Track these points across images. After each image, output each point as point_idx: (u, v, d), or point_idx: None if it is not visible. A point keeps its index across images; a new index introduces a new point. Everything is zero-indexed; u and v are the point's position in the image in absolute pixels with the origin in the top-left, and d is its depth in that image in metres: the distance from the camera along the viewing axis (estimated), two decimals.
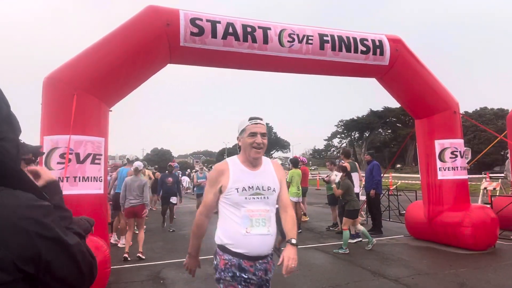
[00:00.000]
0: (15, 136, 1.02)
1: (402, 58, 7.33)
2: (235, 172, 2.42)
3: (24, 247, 0.87)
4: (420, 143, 7.94)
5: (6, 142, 0.98)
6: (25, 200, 0.93)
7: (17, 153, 1.01)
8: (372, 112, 65.72)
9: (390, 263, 6.29)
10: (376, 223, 9.03)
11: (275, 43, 6.39)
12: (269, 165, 2.53)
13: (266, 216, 2.36)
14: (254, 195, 2.35)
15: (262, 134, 2.41)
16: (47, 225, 0.93)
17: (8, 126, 1.01)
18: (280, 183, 2.51)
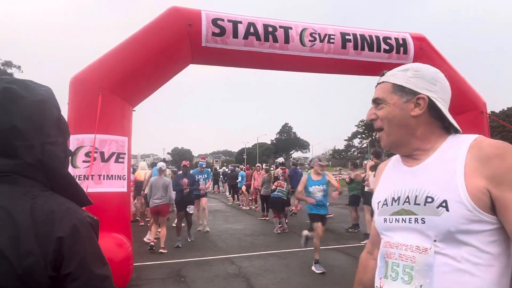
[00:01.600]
0: (64, 140, 1.04)
1: (426, 57, 7.16)
2: (386, 172, 1.38)
3: (57, 255, 0.86)
4: None
5: (55, 146, 1.00)
6: (71, 210, 0.94)
7: (65, 157, 1.04)
8: None
9: None
10: None
11: (296, 42, 6.36)
12: (456, 151, 1.14)
13: (417, 262, 1.10)
14: (396, 215, 1.19)
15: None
16: (86, 239, 0.93)
17: (58, 130, 1.02)
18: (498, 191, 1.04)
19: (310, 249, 7.46)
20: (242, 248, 7.71)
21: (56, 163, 0.99)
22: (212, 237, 9.02)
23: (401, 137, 1.22)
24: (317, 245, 6.15)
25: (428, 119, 1.21)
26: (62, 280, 0.87)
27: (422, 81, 1.22)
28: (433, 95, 1.20)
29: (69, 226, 0.89)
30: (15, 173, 0.92)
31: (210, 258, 6.89)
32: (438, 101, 1.21)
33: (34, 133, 0.96)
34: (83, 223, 0.94)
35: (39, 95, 1.00)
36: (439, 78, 1.26)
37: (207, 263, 6.57)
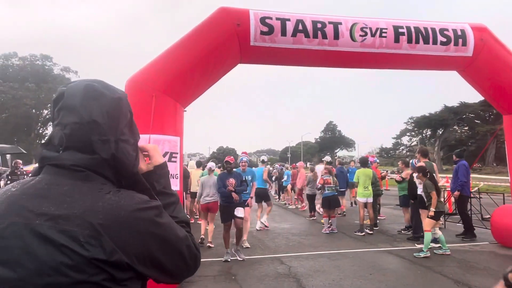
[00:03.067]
0: (134, 141, 1.08)
1: (488, 48, 6.68)
2: None
3: (139, 248, 0.90)
4: (509, 142, 7.18)
5: (128, 145, 1.03)
6: (141, 201, 0.96)
7: (136, 156, 1.06)
8: (447, 108, 61.15)
9: (476, 272, 5.77)
10: (468, 227, 8.38)
11: (347, 38, 6.18)
12: None
13: None
14: None
15: None
16: (160, 225, 0.95)
17: (130, 130, 1.07)
18: None
19: (360, 250, 7.25)
20: (291, 247, 7.65)
21: (128, 159, 1.01)
22: (260, 235, 9.03)
23: None
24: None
25: None
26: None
27: None
28: None
29: (145, 224, 0.92)
30: (88, 168, 0.95)
31: (259, 257, 6.90)
32: None
33: (110, 129, 0.99)
34: (160, 210, 0.98)
35: (117, 93, 1.05)
36: None
37: (256, 262, 6.58)
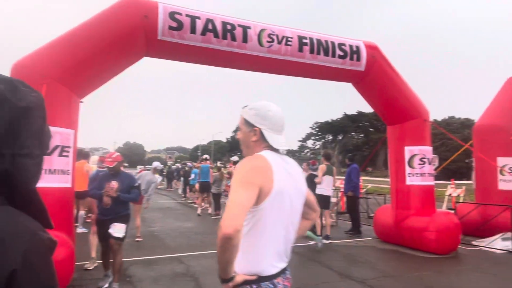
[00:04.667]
0: (41, 153, 0.94)
1: (378, 65, 7.48)
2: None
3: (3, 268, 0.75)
4: (391, 149, 8.14)
5: (28, 159, 0.89)
6: (28, 231, 0.82)
7: (37, 172, 0.93)
8: (346, 115, 66.99)
9: (358, 265, 6.42)
10: (355, 224, 9.30)
11: (255, 42, 6.37)
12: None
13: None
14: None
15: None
16: (28, 267, 0.79)
17: (37, 142, 0.92)
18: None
19: None
20: (192, 247, 7.60)
21: (24, 177, 0.89)
22: (161, 235, 8.81)
23: (247, 153, 1.83)
24: None
25: (260, 142, 1.80)
26: None
27: (258, 118, 1.80)
28: (264, 127, 1.79)
29: (21, 253, 0.78)
30: None
31: (158, 257, 6.72)
32: (266, 131, 1.79)
33: (7, 142, 0.85)
34: (39, 247, 0.83)
35: (25, 101, 0.89)
36: (268, 116, 1.81)
37: (154, 262, 6.40)
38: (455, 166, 36.03)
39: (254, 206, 1.61)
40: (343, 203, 12.81)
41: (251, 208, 1.60)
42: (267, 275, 1.67)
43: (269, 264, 1.69)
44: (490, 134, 8.86)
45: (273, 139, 1.78)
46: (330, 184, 8.27)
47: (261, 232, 1.67)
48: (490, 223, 8.02)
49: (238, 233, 1.50)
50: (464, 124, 45.81)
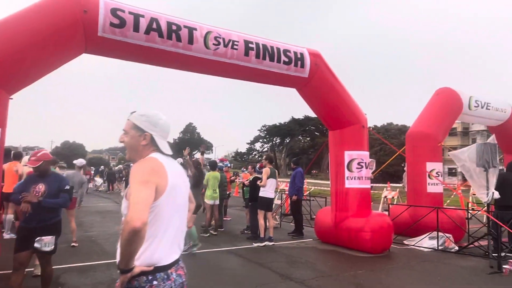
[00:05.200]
0: None
1: (320, 72, 7.78)
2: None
3: None
4: (332, 153, 8.49)
5: None
6: None
7: None
8: (294, 119, 68.69)
9: (298, 265, 6.60)
10: (298, 226, 9.55)
11: (201, 44, 6.34)
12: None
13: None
14: None
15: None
16: None
17: None
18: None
19: (203, 251, 7.48)
20: None
21: None
22: (99, 240, 8.42)
23: (133, 156, 2.03)
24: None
25: (149, 146, 2.00)
26: None
27: (149, 124, 2.00)
28: (154, 133, 2.00)
29: None
30: None
31: (95, 263, 6.42)
32: (157, 137, 2.00)
33: None
34: None
35: None
36: (159, 124, 2.03)
37: (91, 268, 6.11)
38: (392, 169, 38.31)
39: (153, 202, 1.79)
40: (287, 205, 13.12)
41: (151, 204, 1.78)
42: (162, 265, 1.83)
43: (165, 254, 1.86)
44: (421, 141, 9.57)
45: (162, 144, 2.01)
46: (273, 186, 8.44)
47: (159, 226, 1.84)
48: (419, 223, 8.64)
49: (145, 226, 1.64)
50: (401, 130, 49.01)
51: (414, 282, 5.77)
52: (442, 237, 8.18)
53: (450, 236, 8.26)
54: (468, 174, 7.69)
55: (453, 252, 7.92)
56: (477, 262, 7.05)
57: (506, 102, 11.44)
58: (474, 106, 10.32)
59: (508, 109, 11.32)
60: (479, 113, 10.51)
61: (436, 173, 9.45)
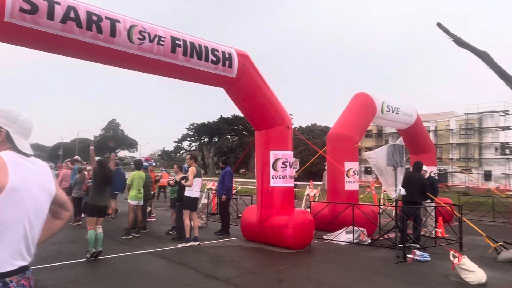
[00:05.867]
0: None
1: (248, 73, 7.91)
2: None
3: None
4: (258, 152, 8.68)
5: None
6: None
7: None
8: (222, 118, 68.84)
9: (223, 264, 6.64)
10: (225, 225, 9.62)
11: (124, 38, 6.06)
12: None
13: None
14: None
15: None
16: None
17: None
18: None
19: (124, 254, 7.16)
20: (45, 258, 6.76)
21: None
22: None
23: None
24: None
25: (4, 143, 1.86)
26: None
27: (6, 120, 1.89)
28: (11, 130, 1.88)
29: None
30: None
31: None
32: (13, 134, 1.88)
33: None
34: None
35: None
36: (19, 120, 1.91)
37: None
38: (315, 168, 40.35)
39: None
40: (214, 204, 13.11)
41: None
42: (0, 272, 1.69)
43: (4, 261, 1.71)
44: (340, 141, 10.22)
45: (20, 142, 1.88)
46: (199, 186, 8.36)
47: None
48: (338, 218, 9.22)
49: None
50: (324, 131, 51.84)
51: (332, 274, 6.15)
52: (357, 231, 8.83)
53: (364, 230, 8.95)
54: (379, 172, 8.40)
55: (367, 244, 8.59)
56: (386, 252, 7.73)
57: (413, 108, 12.72)
58: (386, 111, 11.30)
59: (414, 114, 12.59)
60: (390, 117, 11.54)
61: (353, 172, 10.16)
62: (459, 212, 8.89)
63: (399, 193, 8.02)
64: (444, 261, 6.60)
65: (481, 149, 50.83)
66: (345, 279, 5.87)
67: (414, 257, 7.14)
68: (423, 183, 8.87)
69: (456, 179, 47.93)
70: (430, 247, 8.05)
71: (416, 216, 8.62)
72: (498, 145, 49.54)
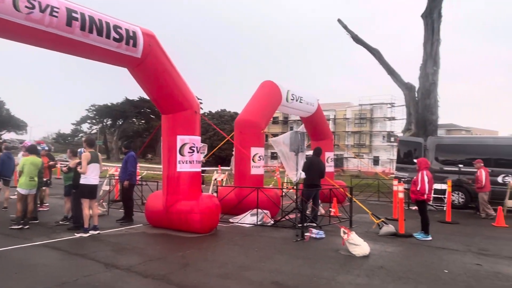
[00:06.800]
0: None
1: (154, 54, 7.59)
2: None
3: None
4: (164, 137, 8.45)
5: None
6: None
7: None
8: (128, 100, 65.05)
9: (125, 252, 6.41)
10: (128, 212, 9.25)
11: (8, 4, 5.34)
12: None
13: None
14: None
15: None
16: None
17: None
18: None
19: (10, 248, 6.46)
20: None
21: None
22: None
23: None
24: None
25: None
26: None
27: None
28: None
29: None
30: None
31: None
32: None
33: None
34: None
35: None
36: None
37: None
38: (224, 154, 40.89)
39: None
40: (117, 191, 12.46)
41: None
42: None
43: None
44: (247, 128, 10.49)
45: None
46: (97, 172, 7.80)
47: None
48: (243, 202, 9.53)
49: None
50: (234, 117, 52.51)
51: (235, 255, 6.37)
52: (261, 214, 9.25)
53: (267, 212, 9.41)
54: (283, 157, 8.88)
55: (270, 226, 9.07)
56: (287, 232, 8.26)
57: (315, 98, 13.60)
58: (290, 99, 11.89)
59: (315, 103, 13.48)
60: (294, 105, 12.18)
61: (258, 157, 10.54)
62: (350, 193, 9.89)
63: (299, 176, 8.59)
64: (336, 238, 7.31)
65: (371, 136, 56.87)
66: (248, 259, 6.14)
67: (311, 235, 7.76)
68: (322, 168, 9.62)
69: (350, 163, 52.96)
70: (325, 225, 8.82)
71: (315, 198, 9.35)
72: (385, 133, 55.95)
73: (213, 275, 5.27)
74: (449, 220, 10.22)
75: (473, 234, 8.74)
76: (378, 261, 6.17)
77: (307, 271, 5.51)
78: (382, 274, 5.48)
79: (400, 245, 7.38)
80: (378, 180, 16.74)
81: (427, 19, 18.79)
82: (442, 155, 14.29)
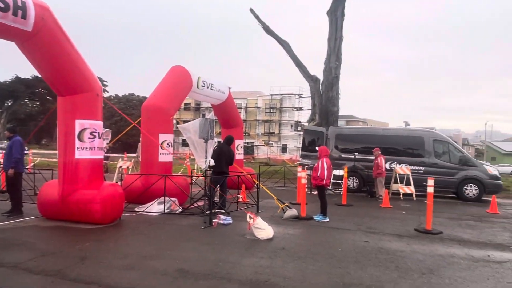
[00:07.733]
0: None
1: (48, 29, 6.83)
2: None
3: None
4: (60, 121, 7.72)
5: None
6: None
7: None
8: (19, 79, 57.61)
9: (13, 248, 5.76)
10: (16, 204, 8.32)
11: None
12: None
13: None
14: None
15: None
16: None
17: None
18: None
19: None
20: None
21: None
22: None
23: None
24: None
25: None
26: None
27: None
28: None
29: None
30: None
31: None
32: None
33: None
34: None
35: None
36: None
37: None
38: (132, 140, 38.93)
39: None
40: (3, 180, 11.06)
41: None
42: None
43: None
44: (154, 113, 10.11)
45: None
46: None
47: None
48: (150, 190, 9.23)
49: None
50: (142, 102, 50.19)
51: (141, 245, 6.16)
52: (169, 202, 9.07)
53: (175, 200, 9.26)
54: (192, 144, 8.78)
55: (178, 213, 8.95)
56: (195, 219, 8.25)
57: (226, 85, 13.66)
58: (201, 86, 11.76)
59: (226, 91, 13.55)
60: (205, 92, 12.08)
61: (167, 144, 10.27)
62: (258, 180, 10.24)
63: (208, 164, 8.61)
64: (243, 223, 7.53)
65: (280, 125, 59.39)
66: (153, 248, 5.99)
67: (218, 221, 7.87)
68: (231, 156, 9.75)
69: (260, 151, 54.71)
70: (233, 211, 9.02)
71: (223, 185, 9.47)
72: (293, 122, 58.90)
73: (114, 267, 5.04)
74: (345, 203, 11.25)
75: (363, 215, 9.75)
76: (280, 243, 6.53)
77: (213, 257, 5.58)
78: (284, 254, 5.82)
79: (301, 227, 7.91)
80: (285, 167, 17.61)
81: (331, 16, 20.07)
82: (341, 143, 15.57)
